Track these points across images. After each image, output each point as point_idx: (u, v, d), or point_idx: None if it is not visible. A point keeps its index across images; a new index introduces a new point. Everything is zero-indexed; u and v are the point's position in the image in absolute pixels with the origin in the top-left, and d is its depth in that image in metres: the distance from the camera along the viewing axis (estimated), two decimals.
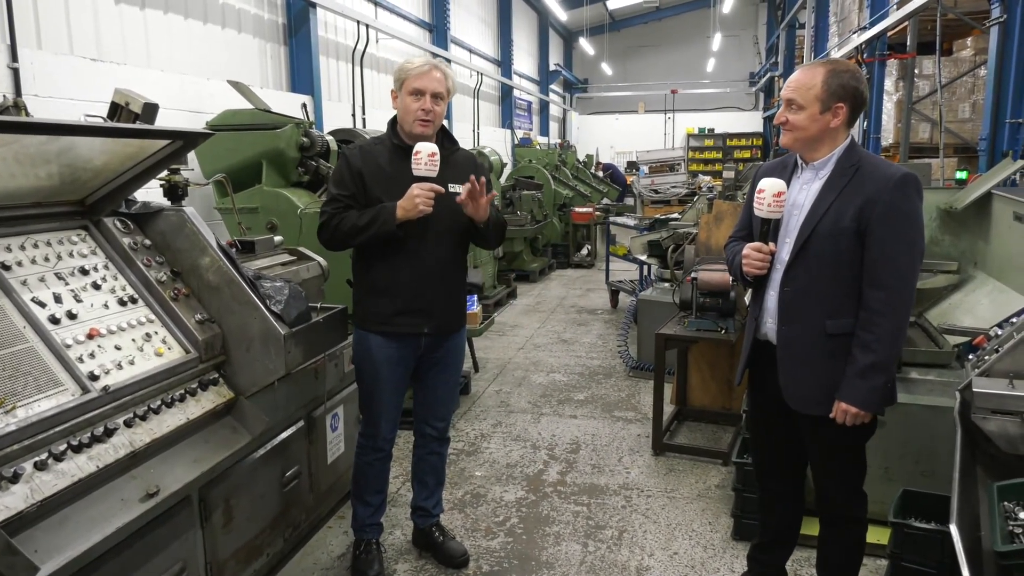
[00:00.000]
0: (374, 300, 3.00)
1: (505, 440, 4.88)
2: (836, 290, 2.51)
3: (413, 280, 2.96)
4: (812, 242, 2.51)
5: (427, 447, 3.36)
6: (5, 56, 4.20)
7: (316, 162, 5.54)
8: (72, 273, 2.26)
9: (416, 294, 2.98)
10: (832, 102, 2.46)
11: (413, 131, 2.90)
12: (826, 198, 2.52)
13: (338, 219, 2.88)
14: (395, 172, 2.93)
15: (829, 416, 2.52)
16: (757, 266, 2.60)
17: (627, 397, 5.75)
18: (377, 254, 2.95)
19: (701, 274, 4.37)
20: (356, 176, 2.91)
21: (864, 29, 10.55)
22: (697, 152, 24.28)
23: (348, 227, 2.85)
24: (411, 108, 2.88)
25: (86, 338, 2.13)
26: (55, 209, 2.33)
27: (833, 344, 2.52)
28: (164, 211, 2.58)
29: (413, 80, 2.88)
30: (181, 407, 2.33)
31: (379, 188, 2.91)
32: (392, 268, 2.95)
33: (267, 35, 7.41)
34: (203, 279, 2.55)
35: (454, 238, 3.09)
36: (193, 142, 2.38)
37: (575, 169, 15.26)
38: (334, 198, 2.92)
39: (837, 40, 13.20)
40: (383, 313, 2.99)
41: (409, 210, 2.78)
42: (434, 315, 3.04)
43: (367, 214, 2.85)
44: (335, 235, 2.90)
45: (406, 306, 2.98)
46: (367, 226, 2.83)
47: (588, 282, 11.11)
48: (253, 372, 2.57)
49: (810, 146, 2.56)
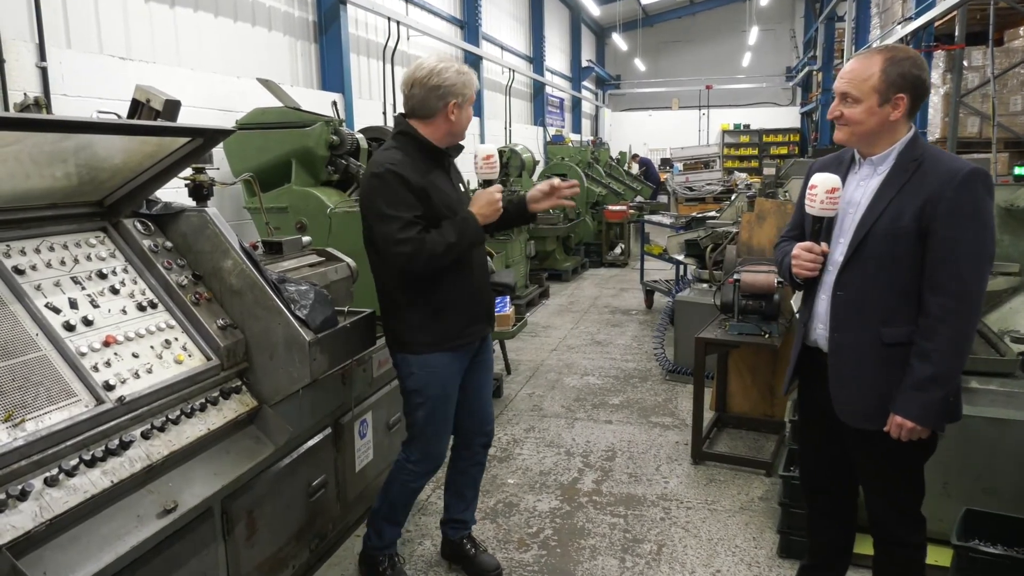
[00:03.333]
0: (445, 317, 2.83)
1: (538, 446, 4.74)
2: (894, 295, 2.33)
3: (476, 286, 2.91)
4: (868, 243, 2.33)
5: (473, 459, 3.23)
6: (33, 55, 4.17)
7: (346, 161, 5.45)
8: (89, 277, 2.17)
9: (480, 299, 2.94)
10: (891, 93, 2.28)
11: (461, 140, 2.87)
12: (885, 196, 2.34)
13: (430, 242, 2.61)
14: (439, 182, 2.81)
15: (883, 430, 2.34)
16: (808, 267, 2.44)
17: (664, 402, 5.57)
18: (445, 269, 2.77)
19: (744, 275, 4.19)
20: (419, 193, 2.69)
21: (909, 20, 10.22)
22: (732, 149, 23.88)
23: (443, 248, 2.63)
24: (470, 119, 2.85)
25: (102, 346, 2.04)
26: (72, 210, 2.24)
27: (889, 353, 2.34)
28: (186, 212, 2.48)
29: (472, 91, 2.82)
30: (201, 417, 2.22)
31: (439, 200, 2.75)
32: (462, 279, 2.84)
33: (298, 33, 7.35)
34: (225, 283, 2.45)
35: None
36: (214, 140, 2.28)
37: (608, 167, 15.05)
38: (410, 222, 2.60)
39: (879, 32, 12.83)
40: (456, 328, 2.86)
41: (490, 216, 2.74)
42: (489, 315, 3.02)
43: (451, 230, 2.67)
44: (432, 260, 2.63)
45: (476, 314, 2.92)
46: (458, 242, 2.66)
47: (622, 281, 10.92)
48: (277, 380, 2.46)
49: (868, 141, 2.39)
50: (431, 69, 2.71)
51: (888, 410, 2.32)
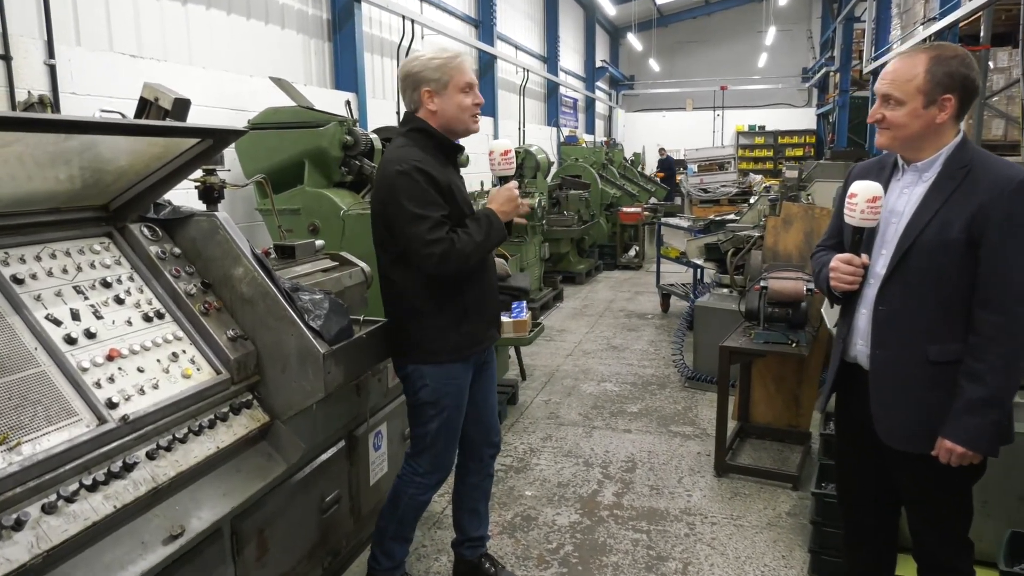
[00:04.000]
0: (469, 322, 2.71)
1: (556, 456, 4.61)
2: (941, 311, 2.18)
3: (490, 289, 2.81)
4: (913, 255, 2.19)
5: (484, 471, 3.10)
6: (42, 52, 4.06)
7: (360, 161, 5.34)
8: (92, 286, 2.05)
9: (493, 303, 2.84)
10: (937, 94, 2.14)
11: (471, 130, 2.69)
12: (931, 204, 2.19)
13: (460, 243, 2.51)
14: (454, 180, 2.70)
15: (930, 455, 2.20)
16: (847, 280, 2.30)
17: (684, 410, 5.42)
18: (471, 272, 2.67)
19: (771, 282, 4.04)
20: (447, 191, 2.58)
21: (932, 20, 10.03)
22: (747, 150, 23.68)
23: (472, 247, 2.53)
24: (466, 105, 2.65)
25: (105, 360, 1.92)
26: (76, 215, 2.13)
27: (936, 373, 2.19)
28: (195, 216, 2.36)
29: (461, 75, 2.64)
30: (210, 434, 2.10)
31: (461, 198, 2.67)
32: (483, 281, 2.75)
33: (311, 31, 7.24)
34: (236, 291, 2.33)
35: None
36: (225, 141, 2.15)
37: (622, 168, 14.90)
38: (439, 222, 2.49)
39: (900, 32, 12.63)
40: (478, 333, 2.75)
41: (510, 212, 2.63)
42: (499, 317, 2.93)
43: (477, 228, 2.57)
44: (462, 260, 2.52)
45: (493, 317, 2.84)
46: (486, 241, 2.57)
47: (636, 284, 10.77)
48: (289, 394, 2.33)
49: (912, 146, 2.24)
50: (404, 61, 2.71)
51: (935, 432, 2.19)
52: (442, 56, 2.64)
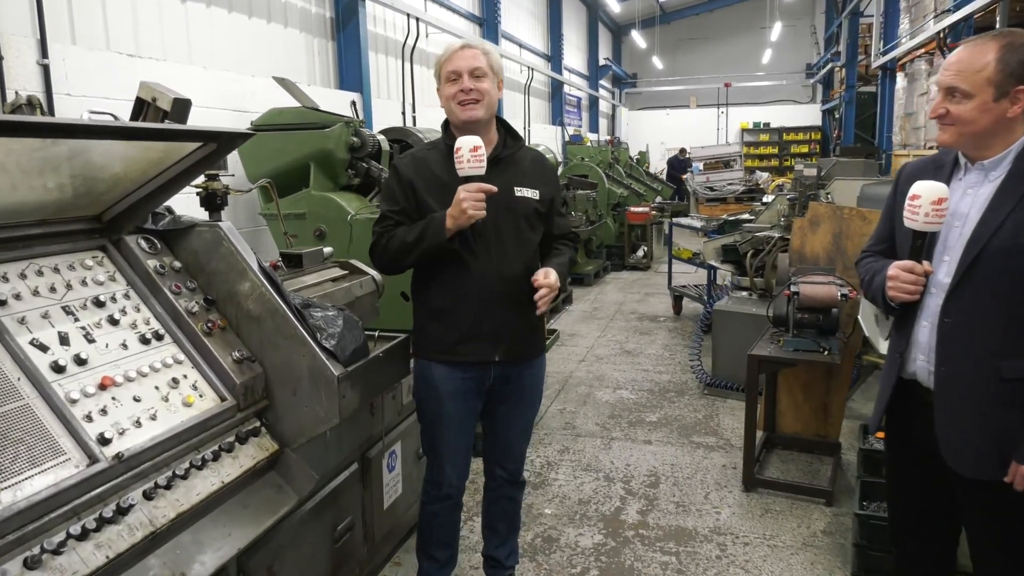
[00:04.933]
0: (435, 325, 2.59)
1: (575, 470, 4.41)
2: (1013, 323, 1.99)
3: (477, 301, 2.53)
4: (982, 262, 2.00)
5: (498, 491, 2.93)
6: (35, 51, 3.86)
7: (367, 164, 5.14)
8: (84, 306, 1.86)
9: (481, 317, 2.55)
10: (1010, 85, 1.95)
11: (460, 118, 2.49)
12: (1001, 206, 2.00)
13: (387, 238, 2.51)
14: (451, 178, 2.49)
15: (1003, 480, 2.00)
16: (908, 290, 2.10)
17: (704, 419, 5.22)
18: (435, 273, 2.55)
19: (803, 287, 3.83)
20: (407, 188, 2.52)
21: (946, 13, 9.83)
22: (752, 147, 23.45)
23: (397, 245, 2.48)
24: (449, 93, 2.49)
25: (97, 389, 1.72)
26: (66, 227, 1.93)
27: (1008, 390, 2.01)
28: (197, 227, 2.17)
29: (446, 65, 2.50)
30: (215, 468, 1.91)
31: (435, 199, 2.49)
32: (452, 288, 2.54)
33: (314, 30, 7.05)
34: (242, 308, 2.13)
35: (523, 250, 2.62)
36: (230, 144, 1.96)
37: (628, 167, 14.71)
38: (384, 215, 2.55)
39: (909, 26, 12.43)
40: (445, 340, 2.57)
41: (458, 217, 2.36)
42: (503, 340, 2.60)
43: (415, 229, 2.46)
44: (385, 256, 2.54)
45: (471, 331, 2.56)
46: (417, 242, 2.43)
47: (646, 286, 10.57)
48: (300, 420, 2.14)
49: (979, 143, 2.05)
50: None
51: (1007, 456, 1.99)
52: (444, 51, 2.52)
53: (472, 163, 2.33)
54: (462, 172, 2.36)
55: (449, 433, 2.69)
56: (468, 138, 2.36)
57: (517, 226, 2.55)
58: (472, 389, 2.65)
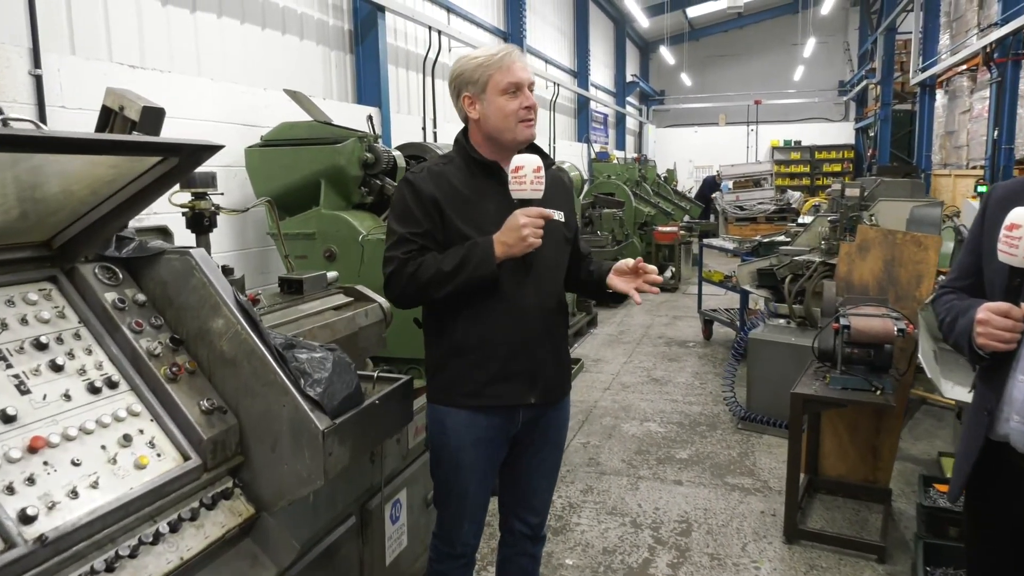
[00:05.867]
0: (459, 364, 2.27)
1: (598, 513, 4.06)
2: None
3: (513, 336, 2.24)
4: None
5: (517, 547, 2.60)
6: (26, 61, 3.63)
7: (381, 181, 4.87)
8: (20, 348, 1.56)
9: (516, 354, 2.26)
10: None
11: (520, 137, 2.21)
12: None
13: (414, 266, 2.16)
14: (476, 196, 2.24)
15: None
16: (1002, 338, 1.77)
17: (739, 457, 4.84)
18: (462, 305, 2.22)
19: (855, 320, 3.47)
20: (429, 206, 2.19)
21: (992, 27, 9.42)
22: (783, 166, 22.95)
23: (430, 275, 2.14)
24: (509, 109, 2.18)
25: (25, 453, 1.42)
26: (5, 255, 1.65)
27: None
28: (165, 254, 1.87)
29: (503, 74, 2.17)
30: (173, 541, 1.60)
31: (462, 220, 2.20)
32: (481, 322, 2.23)
33: (332, 42, 6.82)
34: (215, 349, 1.83)
35: (558, 279, 2.40)
36: (195, 158, 1.66)
37: (656, 185, 14.36)
38: (403, 239, 2.19)
39: (949, 41, 12.00)
40: (474, 382, 2.26)
41: (512, 245, 2.08)
42: (539, 380, 2.31)
43: (453, 256, 2.14)
44: (412, 287, 2.17)
45: (504, 370, 2.25)
46: (456, 271, 2.11)
47: (674, 308, 10.19)
48: (280, 480, 1.82)
49: None
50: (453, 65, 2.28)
51: None
52: (484, 54, 2.20)
53: (535, 184, 2.07)
54: (521, 195, 2.09)
55: (468, 486, 2.37)
56: (530, 157, 2.10)
57: (552, 253, 2.28)
58: (497, 436, 2.35)
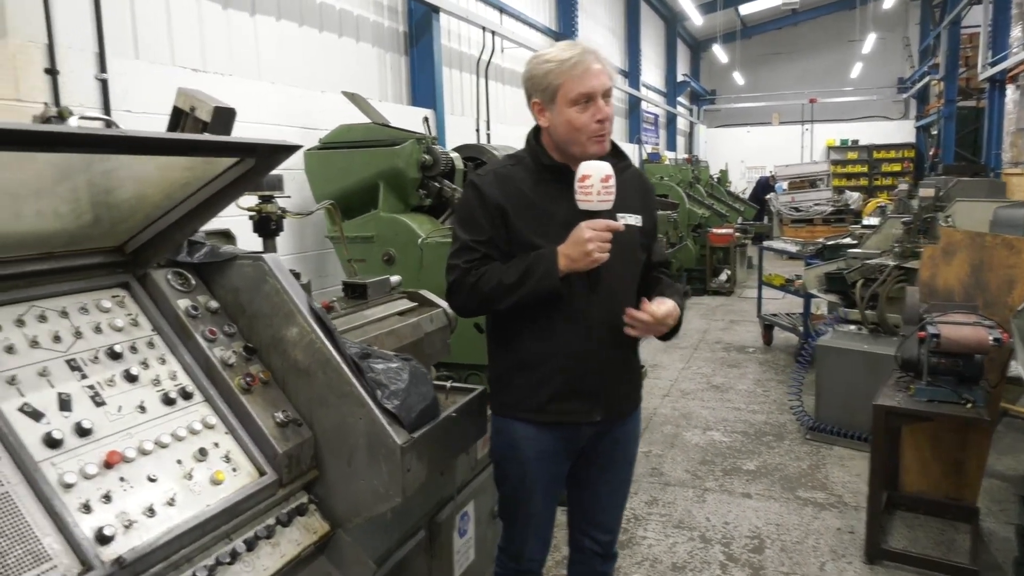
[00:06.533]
0: (522, 379, 2.18)
1: (665, 527, 3.91)
2: None
3: (578, 351, 2.13)
4: None
5: (587, 565, 2.49)
6: (93, 66, 3.65)
7: (439, 183, 4.79)
8: (95, 358, 1.51)
9: (582, 371, 2.14)
10: None
11: (587, 152, 2.05)
12: None
13: (475, 276, 2.07)
14: (544, 201, 2.11)
15: None
16: None
17: (810, 470, 4.64)
18: (526, 317, 2.12)
19: (944, 329, 3.27)
20: (494, 213, 2.08)
21: None
22: (839, 166, 22.32)
23: (492, 287, 2.04)
24: (579, 123, 2.02)
25: (101, 468, 1.37)
26: (78, 261, 1.60)
27: None
28: (238, 259, 1.81)
29: (575, 83, 2.01)
30: (250, 561, 1.53)
31: (528, 227, 2.08)
32: (546, 336, 2.12)
33: (387, 44, 6.80)
34: (288, 358, 1.76)
35: (630, 290, 2.24)
36: (271, 159, 1.60)
37: (709, 186, 14.08)
38: (466, 246, 2.10)
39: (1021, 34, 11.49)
40: (536, 398, 2.16)
41: (577, 260, 1.96)
42: (604, 396, 2.20)
43: (516, 267, 2.03)
44: (474, 297, 2.09)
45: (568, 387, 2.15)
46: (518, 284, 2.01)
47: (730, 312, 9.94)
48: (355, 496, 1.75)
49: None
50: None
51: None
52: (556, 58, 2.02)
53: (602, 195, 1.93)
54: (587, 206, 1.94)
55: (533, 501, 2.29)
56: (600, 164, 1.95)
57: (624, 262, 2.13)
58: (562, 450, 2.25)
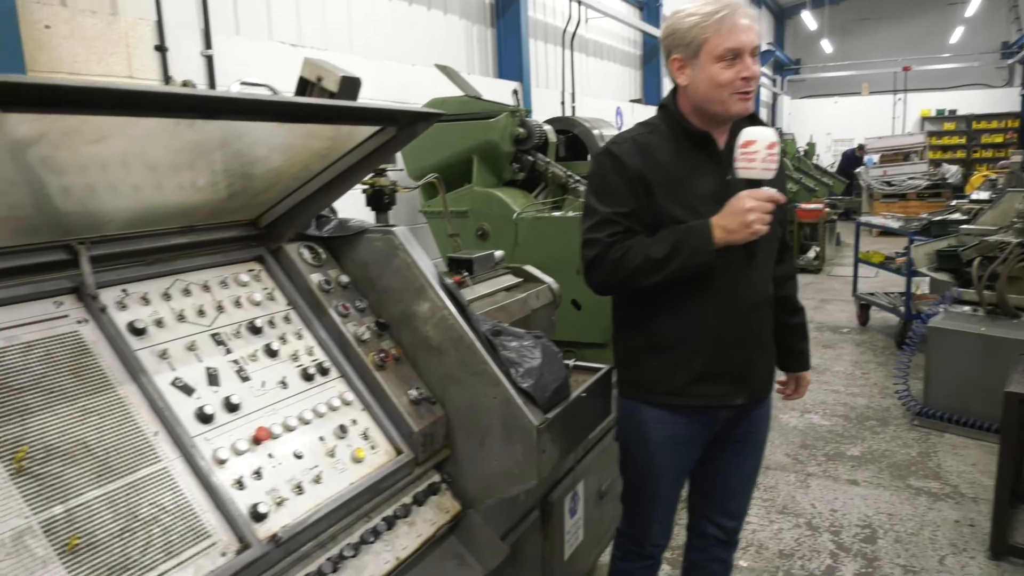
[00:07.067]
0: (659, 361, 2.05)
1: (768, 512, 3.78)
2: None
3: (724, 332, 2.01)
4: None
5: (707, 552, 2.40)
6: (198, 42, 3.70)
7: (533, 157, 4.71)
8: (237, 333, 1.49)
9: (727, 352, 2.03)
10: None
11: (730, 111, 1.91)
12: None
13: (620, 251, 1.91)
14: (685, 172, 1.98)
15: None
16: None
17: (920, 457, 4.41)
18: (661, 295, 1.99)
19: None
20: (636, 184, 1.93)
21: None
22: (935, 137, 21.15)
23: (639, 262, 1.89)
24: (723, 79, 1.87)
25: (251, 444, 1.35)
26: (216, 234, 1.58)
27: None
28: (367, 233, 1.77)
29: (722, 38, 1.86)
30: (388, 540, 1.50)
31: (670, 199, 1.94)
32: (690, 315, 2.00)
33: (474, 16, 6.72)
34: (419, 334, 1.72)
35: (769, 265, 2.13)
36: (411, 128, 1.54)
37: (796, 159, 13.55)
38: (607, 219, 1.94)
39: None
40: (674, 381, 2.04)
41: (735, 231, 1.82)
42: (749, 379, 2.09)
43: (664, 241, 1.89)
44: (618, 273, 1.92)
45: (712, 369, 2.03)
46: (669, 258, 1.86)
47: (820, 291, 9.57)
48: (488, 477, 1.70)
49: None
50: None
51: None
52: (701, 11, 1.88)
53: (767, 162, 1.80)
54: (749, 173, 1.81)
55: (660, 487, 2.20)
56: (764, 131, 1.82)
57: (768, 238, 1.99)
58: (696, 436, 2.14)
